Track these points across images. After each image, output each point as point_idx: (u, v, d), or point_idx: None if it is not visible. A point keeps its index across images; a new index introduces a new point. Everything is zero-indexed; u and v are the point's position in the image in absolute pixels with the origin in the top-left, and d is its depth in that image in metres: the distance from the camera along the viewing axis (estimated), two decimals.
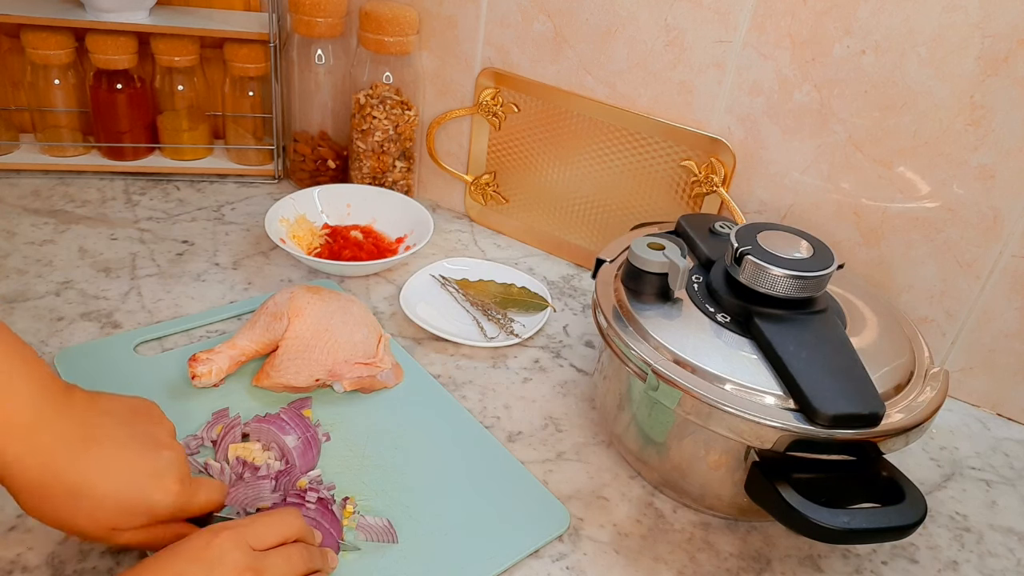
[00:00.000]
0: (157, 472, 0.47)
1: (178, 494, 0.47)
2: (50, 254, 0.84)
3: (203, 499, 0.50)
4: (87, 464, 0.45)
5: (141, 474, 0.46)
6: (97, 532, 0.46)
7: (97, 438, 0.46)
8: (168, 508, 0.47)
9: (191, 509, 0.49)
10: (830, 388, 0.52)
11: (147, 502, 0.46)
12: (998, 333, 0.75)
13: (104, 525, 0.45)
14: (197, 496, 0.49)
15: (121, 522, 0.46)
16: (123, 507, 0.45)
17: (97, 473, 0.45)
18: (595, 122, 0.87)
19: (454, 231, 1.00)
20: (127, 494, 0.45)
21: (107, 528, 0.46)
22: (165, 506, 0.47)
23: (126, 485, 0.46)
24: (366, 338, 0.70)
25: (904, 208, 0.74)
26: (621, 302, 0.62)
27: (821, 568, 0.60)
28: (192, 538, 0.44)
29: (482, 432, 0.67)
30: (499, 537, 0.57)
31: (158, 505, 0.46)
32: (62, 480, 0.44)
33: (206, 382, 0.66)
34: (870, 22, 0.69)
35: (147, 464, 0.47)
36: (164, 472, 0.47)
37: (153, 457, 0.47)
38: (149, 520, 0.47)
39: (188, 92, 1.01)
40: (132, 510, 0.46)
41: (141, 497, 0.46)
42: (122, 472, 0.46)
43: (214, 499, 0.51)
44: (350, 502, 0.58)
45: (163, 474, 0.47)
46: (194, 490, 0.49)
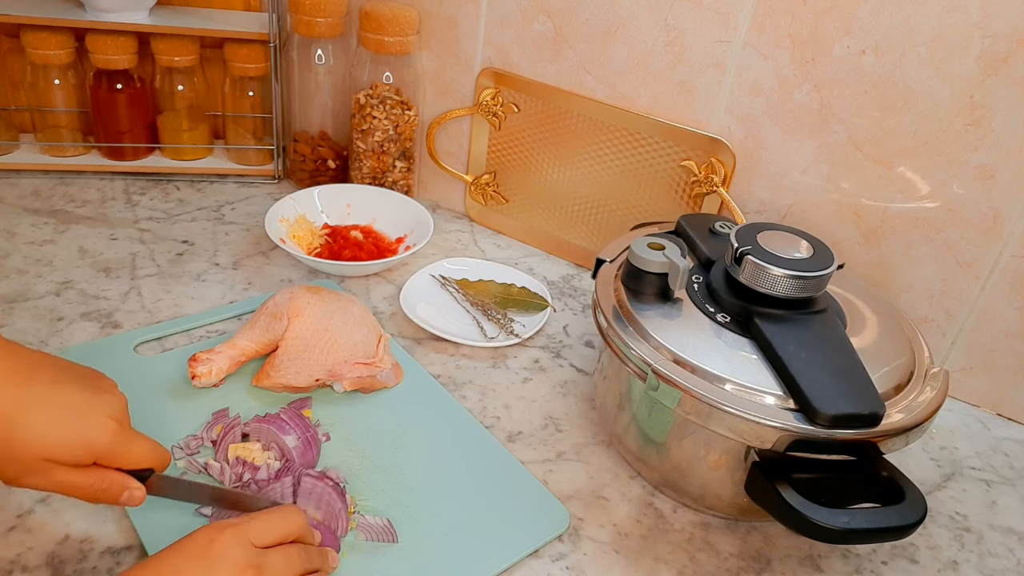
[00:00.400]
0: (96, 409, 0.47)
1: (116, 432, 0.47)
2: (50, 254, 0.84)
3: (141, 449, 0.50)
4: (25, 396, 0.45)
5: (80, 408, 0.47)
6: (30, 463, 0.45)
7: (37, 377, 0.47)
8: (105, 445, 0.47)
9: (128, 456, 0.49)
10: (830, 388, 0.52)
11: (85, 434, 0.46)
12: (998, 333, 0.75)
13: (37, 455, 0.45)
14: (135, 444, 0.49)
15: (55, 453, 0.45)
16: (58, 437, 0.45)
17: (35, 404, 0.45)
18: (595, 122, 0.87)
19: (454, 231, 1.00)
20: (64, 424, 0.46)
21: (40, 458, 0.45)
22: (103, 442, 0.47)
23: (64, 417, 0.46)
24: (366, 338, 0.70)
25: (904, 208, 0.74)
26: (621, 302, 0.62)
27: (821, 568, 0.60)
28: (193, 535, 0.44)
29: (482, 432, 0.67)
30: (499, 537, 0.57)
31: (95, 439, 0.46)
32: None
33: (206, 382, 0.66)
34: (870, 22, 0.69)
35: (87, 401, 0.47)
36: (103, 410, 0.47)
37: (93, 396, 0.48)
38: (85, 456, 0.46)
39: (188, 92, 1.01)
40: (67, 441, 0.46)
41: (78, 429, 0.46)
42: (61, 404, 0.46)
43: (152, 452, 0.50)
44: (351, 502, 0.58)
45: (102, 412, 0.47)
46: (132, 437, 0.49)
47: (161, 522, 0.54)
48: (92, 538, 0.54)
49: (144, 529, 0.54)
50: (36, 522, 0.54)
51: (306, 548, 0.49)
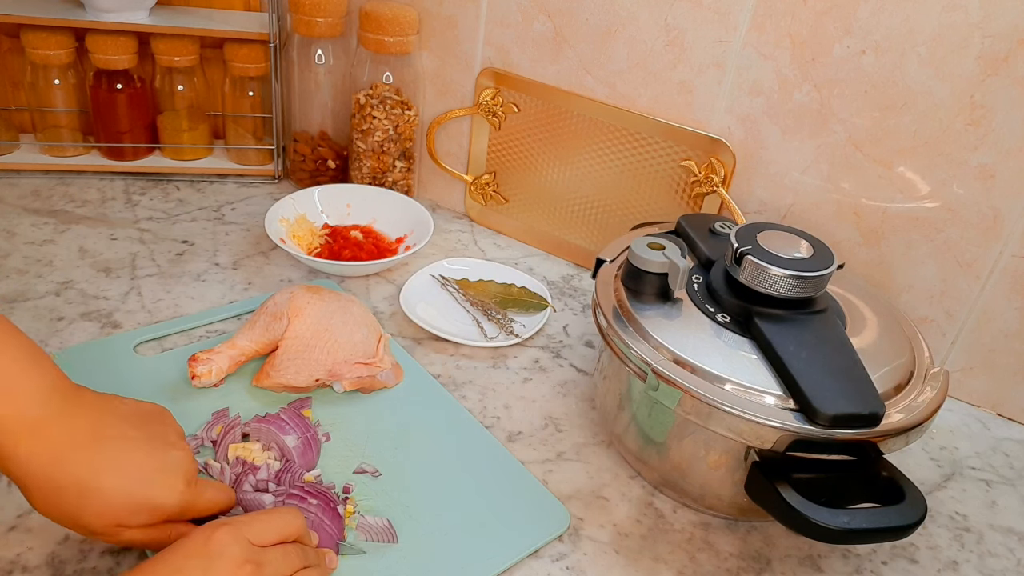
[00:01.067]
0: (165, 471, 0.47)
1: (183, 493, 0.47)
2: (50, 254, 0.84)
3: (208, 500, 0.50)
4: (96, 460, 0.45)
5: (149, 472, 0.47)
6: (102, 528, 0.46)
7: (106, 436, 0.47)
8: (173, 507, 0.47)
9: (196, 510, 0.49)
10: (830, 388, 0.52)
11: (153, 500, 0.46)
12: (998, 333, 0.75)
13: (110, 522, 0.45)
14: (202, 497, 0.50)
15: (126, 519, 0.46)
16: (129, 504, 0.45)
17: (105, 469, 0.45)
18: (595, 122, 0.87)
19: (454, 231, 1.00)
20: (134, 491, 0.46)
21: (112, 525, 0.46)
22: (171, 505, 0.47)
23: (133, 482, 0.46)
24: (366, 338, 0.70)
25: (904, 208, 0.74)
26: (621, 302, 0.62)
27: (821, 568, 0.60)
28: (191, 534, 0.45)
29: (482, 432, 0.67)
30: (499, 537, 0.57)
31: (164, 504, 0.47)
32: (71, 475, 0.44)
33: (206, 382, 0.66)
34: (870, 22, 0.69)
35: (155, 462, 0.47)
36: (172, 471, 0.47)
37: (161, 456, 0.48)
38: (154, 518, 0.47)
39: (188, 92, 1.01)
40: (138, 507, 0.46)
41: (148, 495, 0.46)
42: (130, 469, 0.46)
43: (219, 501, 0.51)
44: (350, 502, 0.58)
45: (170, 473, 0.47)
46: (200, 491, 0.49)
47: None
48: (95, 539, 0.54)
49: None
50: (36, 522, 0.54)
51: (304, 548, 0.49)
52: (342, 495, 0.58)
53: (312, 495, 0.55)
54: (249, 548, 0.44)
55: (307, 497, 0.55)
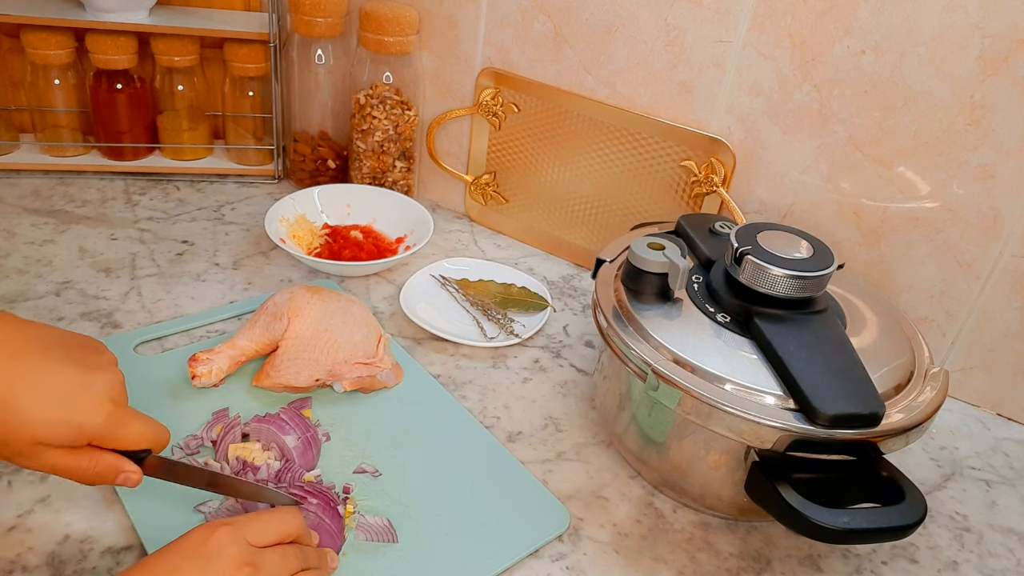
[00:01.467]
0: (88, 389, 0.45)
1: (109, 415, 0.46)
2: (50, 254, 0.84)
3: (137, 429, 0.48)
4: (14, 376, 0.44)
5: (70, 389, 0.45)
6: (21, 446, 0.44)
7: (27, 354, 0.45)
8: (98, 427, 0.45)
9: (123, 437, 0.47)
10: (830, 388, 0.52)
11: (76, 417, 0.45)
12: (998, 333, 0.75)
13: (28, 438, 0.44)
14: (130, 424, 0.47)
15: (47, 437, 0.44)
16: (49, 420, 0.44)
17: (24, 385, 0.44)
18: (595, 122, 0.87)
19: (454, 231, 1.00)
20: (55, 407, 0.44)
21: (31, 443, 0.44)
22: (93, 424, 0.45)
23: (55, 398, 0.44)
24: (366, 338, 0.70)
25: (904, 208, 0.74)
26: (621, 302, 0.62)
27: (821, 568, 0.60)
28: (189, 534, 0.44)
29: (482, 432, 0.67)
30: (499, 537, 0.57)
31: (86, 422, 0.45)
32: None
33: (206, 382, 0.66)
34: (870, 22, 0.69)
35: (78, 381, 0.45)
36: (96, 391, 0.46)
37: (85, 375, 0.46)
38: (78, 438, 0.45)
39: (188, 92, 1.01)
40: (59, 423, 0.44)
41: (70, 411, 0.44)
42: (51, 386, 0.44)
43: (148, 433, 0.49)
44: (350, 502, 0.58)
45: (94, 393, 0.46)
46: (127, 417, 0.47)
47: (161, 522, 0.54)
48: (92, 538, 0.54)
49: (144, 529, 0.54)
50: (36, 522, 0.54)
51: (303, 548, 0.48)
52: (342, 495, 0.58)
53: (312, 495, 0.55)
54: (247, 549, 0.44)
55: (307, 497, 0.55)
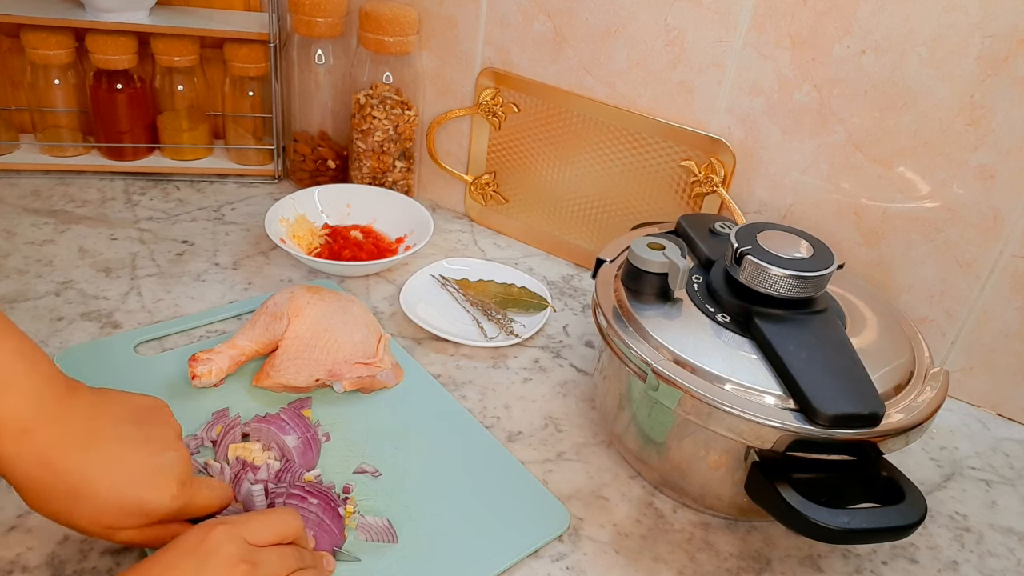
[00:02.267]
0: (157, 473, 0.47)
1: (175, 497, 0.47)
2: (50, 254, 0.84)
3: (205, 500, 0.50)
4: (88, 463, 0.45)
5: (141, 475, 0.46)
6: (95, 530, 0.46)
7: (100, 437, 0.46)
8: (166, 510, 0.47)
9: (191, 510, 0.49)
10: (830, 388, 0.52)
11: (145, 504, 0.46)
12: (998, 333, 0.75)
13: (102, 524, 0.45)
14: (198, 497, 0.49)
15: (119, 522, 0.45)
16: (121, 507, 0.45)
17: (98, 472, 0.45)
18: (595, 122, 0.87)
19: (454, 231, 1.00)
20: (125, 495, 0.45)
21: (105, 527, 0.45)
22: (163, 508, 0.46)
23: (125, 485, 0.45)
24: (366, 338, 0.70)
25: (904, 208, 0.74)
26: (621, 302, 0.62)
27: (821, 568, 0.60)
28: (187, 533, 0.44)
29: (482, 432, 0.67)
30: (499, 537, 0.57)
31: (156, 507, 0.46)
32: (62, 478, 0.44)
33: (206, 382, 0.66)
34: (870, 22, 0.69)
35: (148, 465, 0.47)
36: (165, 473, 0.47)
37: (155, 459, 0.47)
38: (147, 520, 0.46)
39: (188, 92, 1.01)
40: (130, 511, 0.45)
41: (139, 498, 0.46)
42: (122, 472, 0.46)
43: (215, 501, 0.51)
44: (350, 502, 0.58)
45: (163, 475, 0.47)
46: (195, 491, 0.49)
47: None
48: (92, 538, 0.54)
49: None
50: (36, 522, 0.54)
51: (300, 550, 0.49)
52: (342, 495, 0.58)
53: (313, 495, 0.55)
54: (244, 547, 0.44)
55: (308, 497, 0.55)
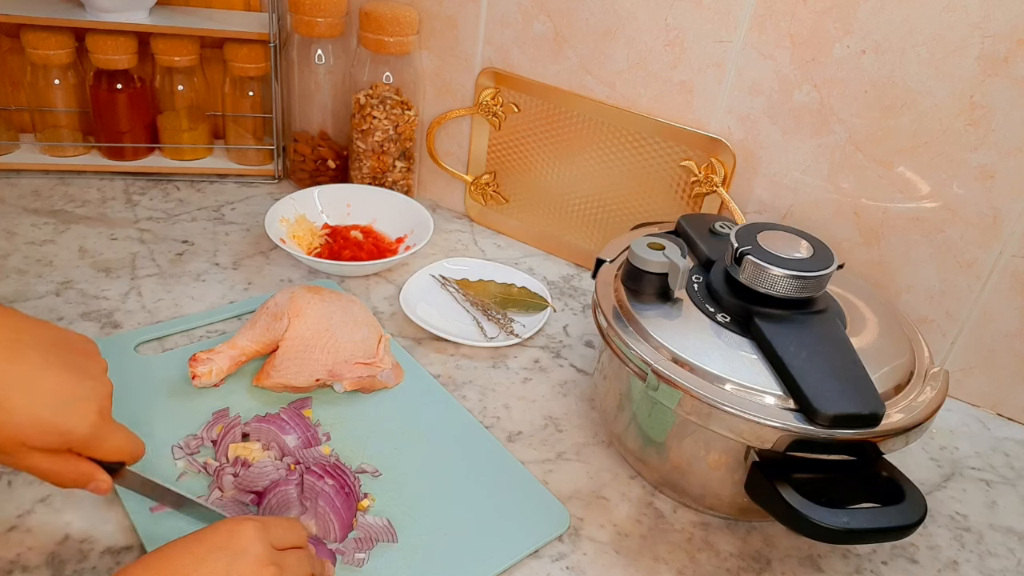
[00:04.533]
0: (78, 398, 0.46)
1: (95, 424, 0.47)
2: (50, 254, 0.84)
3: (117, 442, 0.49)
4: (8, 374, 0.44)
5: (62, 395, 0.46)
6: (4, 444, 0.45)
7: (24, 354, 0.46)
8: (82, 436, 0.46)
9: (104, 448, 0.48)
10: (830, 388, 0.52)
11: (62, 425, 0.46)
12: (998, 333, 0.75)
13: (13, 438, 0.44)
14: (112, 437, 0.49)
15: (31, 439, 0.45)
16: (37, 424, 0.45)
17: (17, 385, 0.44)
18: (595, 122, 0.87)
19: (454, 231, 1.00)
20: (44, 412, 0.45)
21: (16, 442, 0.45)
22: (80, 432, 0.46)
23: (45, 402, 0.45)
24: (366, 338, 0.70)
25: (904, 208, 0.74)
26: (621, 302, 0.62)
27: (821, 568, 0.60)
28: (216, 527, 0.44)
29: (482, 432, 0.67)
30: (499, 537, 0.57)
31: (73, 429, 0.46)
32: None
33: (206, 382, 0.66)
34: (870, 22, 0.69)
35: (71, 389, 0.46)
36: (85, 400, 0.47)
37: (78, 383, 0.47)
38: (61, 444, 0.46)
39: (188, 92, 1.01)
40: (45, 429, 0.45)
41: (58, 418, 0.45)
42: (43, 389, 0.45)
43: (127, 446, 0.50)
44: (368, 498, 0.58)
45: (84, 401, 0.47)
46: (111, 430, 0.49)
47: (162, 522, 0.55)
48: (92, 538, 0.54)
49: (144, 529, 0.54)
50: (36, 522, 0.54)
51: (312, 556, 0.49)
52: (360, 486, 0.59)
53: (330, 475, 0.55)
54: (272, 550, 0.44)
55: (324, 477, 0.55)
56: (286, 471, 0.58)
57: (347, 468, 0.58)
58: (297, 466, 0.58)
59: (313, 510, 0.55)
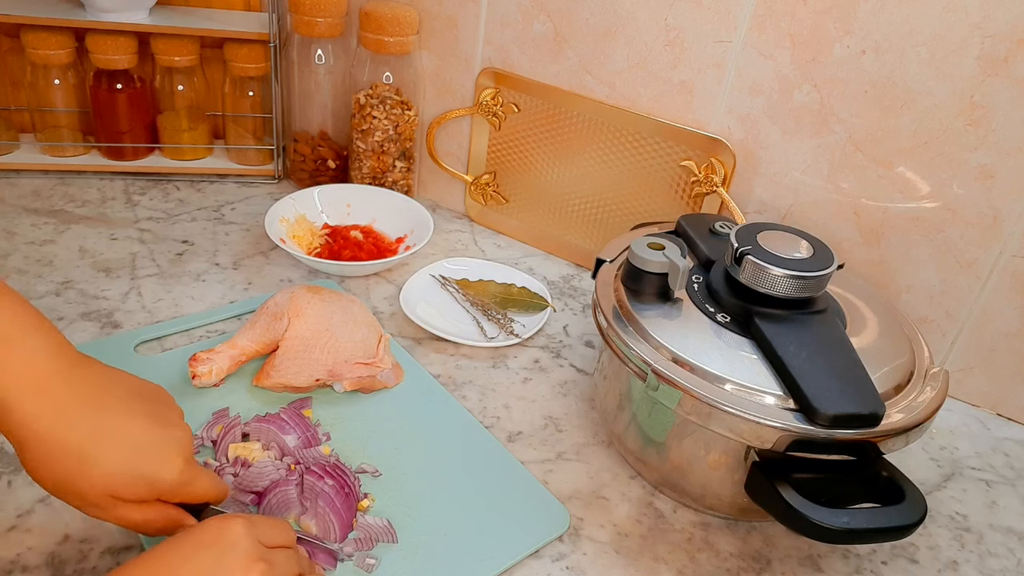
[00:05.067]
0: (165, 446, 0.47)
1: (182, 471, 0.47)
2: (50, 254, 0.84)
3: (204, 485, 0.49)
4: (100, 424, 0.45)
5: (149, 446, 0.46)
6: (95, 499, 0.45)
7: (110, 404, 0.46)
8: (170, 484, 0.46)
9: (191, 492, 0.49)
10: (830, 388, 0.52)
11: (152, 474, 0.46)
12: (998, 333, 0.75)
13: (103, 491, 0.45)
14: (199, 481, 0.49)
15: (122, 491, 0.45)
16: (126, 475, 0.45)
17: (108, 436, 0.45)
18: (595, 122, 0.87)
19: (454, 231, 1.00)
20: (132, 462, 0.45)
21: (105, 495, 0.45)
22: (168, 481, 0.46)
23: (133, 454, 0.45)
24: (366, 338, 0.70)
25: (904, 208, 0.74)
26: (621, 302, 0.62)
27: (821, 568, 0.60)
28: (203, 525, 0.44)
29: (482, 432, 0.67)
30: (499, 537, 0.57)
31: (162, 479, 0.46)
32: (74, 436, 0.44)
33: (206, 382, 0.66)
34: (870, 22, 0.69)
35: (156, 437, 0.47)
36: (171, 448, 0.47)
37: (162, 432, 0.47)
38: (149, 493, 0.46)
39: (188, 92, 1.01)
40: (134, 479, 0.45)
41: (146, 468, 0.45)
42: (132, 440, 0.45)
43: (213, 489, 0.50)
44: (368, 498, 0.58)
45: (170, 449, 0.47)
46: (197, 474, 0.49)
47: None
48: (92, 538, 0.54)
49: None
50: (36, 522, 0.54)
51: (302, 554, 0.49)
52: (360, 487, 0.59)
53: (329, 475, 0.55)
54: (260, 546, 0.44)
55: (324, 477, 0.55)
56: (286, 471, 0.58)
57: (347, 468, 0.58)
58: (297, 466, 0.58)
59: (313, 510, 0.55)
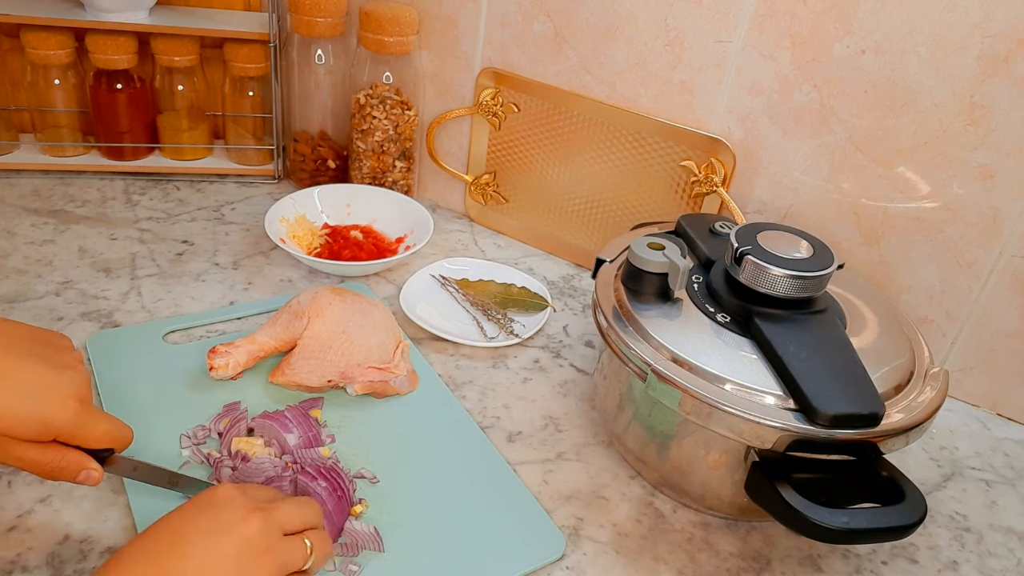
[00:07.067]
0: (56, 387, 0.47)
1: (77, 412, 0.47)
2: (50, 254, 0.84)
3: (102, 428, 0.49)
4: None
5: (42, 387, 0.46)
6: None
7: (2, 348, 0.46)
8: (64, 424, 0.47)
9: (88, 435, 0.48)
10: (830, 388, 0.52)
11: (44, 414, 0.46)
12: (998, 333, 0.75)
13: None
14: (95, 423, 0.49)
15: (15, 431, 0.45)
16: (18, 413, 0.45)
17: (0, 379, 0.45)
18: (595, 122, 0.87)
19: (454, 231, 1.00)
20: (25, 403, 0.45)
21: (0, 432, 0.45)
22: (61, 421, 0.46)
23: (26, 394, 0.46)
24: (383, 343, 0.70)
25: (904, 208, 0.74)
26: (621, 302, 0.62)
27: (821, 568, 0.60)
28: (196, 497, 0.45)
29: (488, 447, 0.65)
30: (488, 558, 0.56)
31: (54, 419, 0.46)
32: None
33: (223, 375, 0.67)
34: (870, 22, 0.69)
35: (50, 379, 0.47)
36: (65, 389, 0.47)
37: (57, 374, 0.47)
38: (44, 434, 0.46)
39: (188, 92, 1.01)
40: (28, 419, 0.45)
41: (39, 408, 0.46)
42: (24, 383, 0.46)
43: (111, 433, 0.50)
44: (363, 504, 0.58)
45: (62, 390, 0.47)
46: (93, 416, 0.49)
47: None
48: (92, 538, 0.54)
49: (145, 528, 0.54)
50: (36, 522, 0.54)
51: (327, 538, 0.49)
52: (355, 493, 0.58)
53: (323, 476, 0.55)
54: (254, 498, 0.45)
55: (317, 478, 0.55)
56: (283, 469, 0.58)
57: (343, 472, 0.58)
58: (293, 465, 0.58)
59: None
